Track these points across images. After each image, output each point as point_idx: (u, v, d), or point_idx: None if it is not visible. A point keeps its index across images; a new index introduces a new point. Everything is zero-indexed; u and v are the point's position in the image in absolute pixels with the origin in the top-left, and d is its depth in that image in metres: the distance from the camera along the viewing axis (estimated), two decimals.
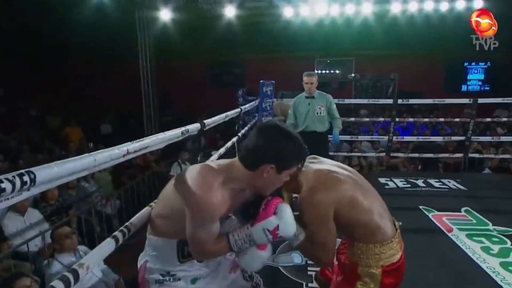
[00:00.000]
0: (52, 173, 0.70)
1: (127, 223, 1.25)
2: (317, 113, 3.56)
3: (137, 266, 1.25)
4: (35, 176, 0.65)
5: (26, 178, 0.62)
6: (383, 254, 1.21)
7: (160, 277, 1.17)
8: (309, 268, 2.34)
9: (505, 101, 4.82)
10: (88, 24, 7.28)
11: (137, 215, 1.32)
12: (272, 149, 1.05)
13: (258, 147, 1.06)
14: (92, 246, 2.89)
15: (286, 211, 1.11)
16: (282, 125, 1.11)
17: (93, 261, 1.03)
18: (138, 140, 1.09)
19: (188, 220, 1.06)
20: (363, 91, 11.33)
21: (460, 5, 7.43)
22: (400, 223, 1.31)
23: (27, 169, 0.64)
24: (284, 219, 1.09)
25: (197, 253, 1.12)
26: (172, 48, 9.36)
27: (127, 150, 1.02)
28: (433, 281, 2.18)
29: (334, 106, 3.67)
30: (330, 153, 4.35)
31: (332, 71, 11.42)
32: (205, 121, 1.92)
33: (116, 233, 1.16)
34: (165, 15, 8.13)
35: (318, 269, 1.34)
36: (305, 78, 3.59)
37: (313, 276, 1.34)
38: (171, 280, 1.16)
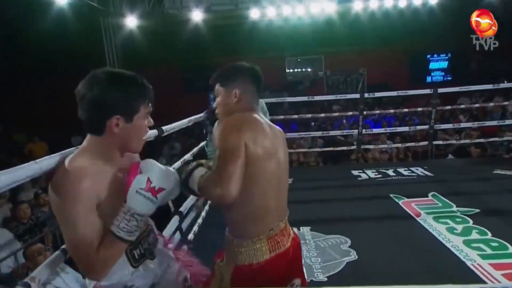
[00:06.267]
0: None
1: None
2: None
3: None
4: None
5: None
6: (241, 253, 1.09)
7: None
8: None
9: (463, 90, 5.11)
10: (52, 35, 7.07)
11: None
12: (107, 101, 0.93)
13: (91, 106, 0.94)
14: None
15: (151, 162, 0.99)
16: (102, 74, 0.99)
17: (44, 274, 1.06)
18: (78, 146, 1.02)
19: (63, 232, 0.93)
20: (335, 87, 11.61)
21: (417, 0, 7.84)
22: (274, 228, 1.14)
23: None
24: (152, 169, 0.96)
25: (85, 266, 0.95)
26: (140, 55, 9.21)
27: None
28: (402, 264, 2.31)
29: None
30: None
31: (303, 69, 11.64)
32: (163, 127, 1.95)
33: (64, 245, 1.15)
34: (131, 22, 8.01)
35: None
36: None
37: None
38: None
